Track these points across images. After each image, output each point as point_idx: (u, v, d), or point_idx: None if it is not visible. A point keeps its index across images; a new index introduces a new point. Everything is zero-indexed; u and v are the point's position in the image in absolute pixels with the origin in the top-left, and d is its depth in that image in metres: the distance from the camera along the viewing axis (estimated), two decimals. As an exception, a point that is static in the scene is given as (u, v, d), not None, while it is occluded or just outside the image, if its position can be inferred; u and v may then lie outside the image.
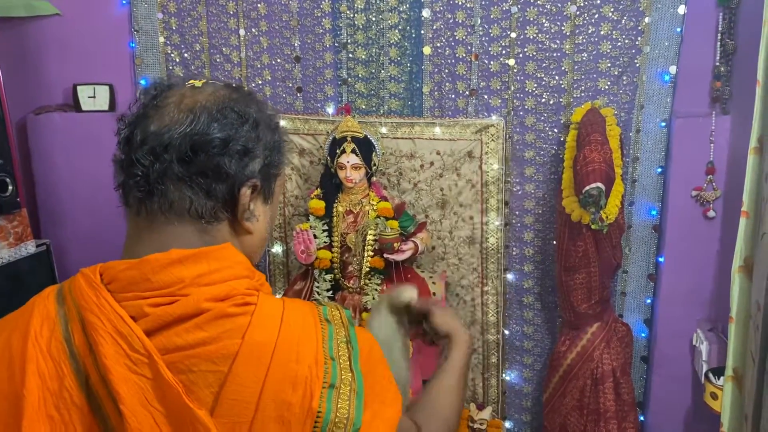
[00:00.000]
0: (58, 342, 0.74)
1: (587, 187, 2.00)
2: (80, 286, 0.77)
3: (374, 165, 2.42)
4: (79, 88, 2.82)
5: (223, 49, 2.77)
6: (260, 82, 2.78)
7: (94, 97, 2.84)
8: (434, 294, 2.47)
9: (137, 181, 0.79)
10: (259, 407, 0.74)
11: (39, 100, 2.89)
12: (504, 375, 2.82)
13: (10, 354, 0.74)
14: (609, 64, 2.44)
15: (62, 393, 0.72)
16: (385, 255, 2.36)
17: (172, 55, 2.82)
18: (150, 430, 0.71)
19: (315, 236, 2.41)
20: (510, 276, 2.74)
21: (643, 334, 2.62)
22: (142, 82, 2.84)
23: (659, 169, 2.47)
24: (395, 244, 2.34)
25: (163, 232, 0.80)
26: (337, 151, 2.37)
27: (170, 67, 2.83)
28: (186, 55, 2.80)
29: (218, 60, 2.79)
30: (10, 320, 0.79)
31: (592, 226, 2.13)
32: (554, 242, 2.62)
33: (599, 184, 2.00)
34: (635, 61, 2.42)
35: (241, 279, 0.81)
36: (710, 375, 2.18)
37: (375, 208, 2.43)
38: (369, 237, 2.41)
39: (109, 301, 0.75)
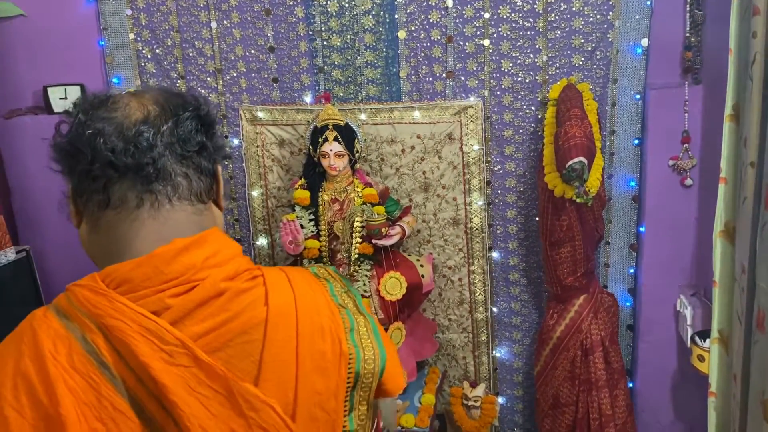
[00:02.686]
0: (81, 356, 0.73)
1: (570, 162, 2.03)
2: (86, 297, 0.76)
3: (357, 152, 2.43)
4: (49, 89, 2.77)
5: (196, 43, 2.74)
6: (235, 74, 2.76)
7: (65, 98, 2.78)
8: (423, 276, 2.49)
9: (146, 170, 0.80)
10: (299, 362, 0.80)
11: (8, 104, 2.83)
12: (494, 352, 2.87)
13: (29, 381, 0.71)
14: (582, 40, 2.47)
15: (102, 402, 0.72)
16: (373, 241, 2.37)
17: (144, 51, 2.77)
18: (204, 415, 0.73)
19: (302, 226, 2.41)
20: (495, 254, 2.77)
21: (627, 303, 2.68)
22: (115, 80, 2.79)
23: (636, 141, 2.52)
24: (383, 230, 2.36)
25: (166, 222, 0.82)
26: (319, 139, 2.37)
27: (142, 64, 2.78)
28: (158, 51, 2.76)
29: (191, 54, 2.75)
30: (7, 348, 0.76)
31: (577, 200, 2.16)
32: (537, 219, 2.66)
33: (581, 159, 2.03)
34: (608, 35, 2.45)
35: (237, 257, 0.86)
36: (696, 338, 2.24)
37: (360, 194, 2.44)
38: (356, 224, 2.41)
39: (126, 304, 0.75)
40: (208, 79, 2.77)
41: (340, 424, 0.84)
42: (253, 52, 2.72)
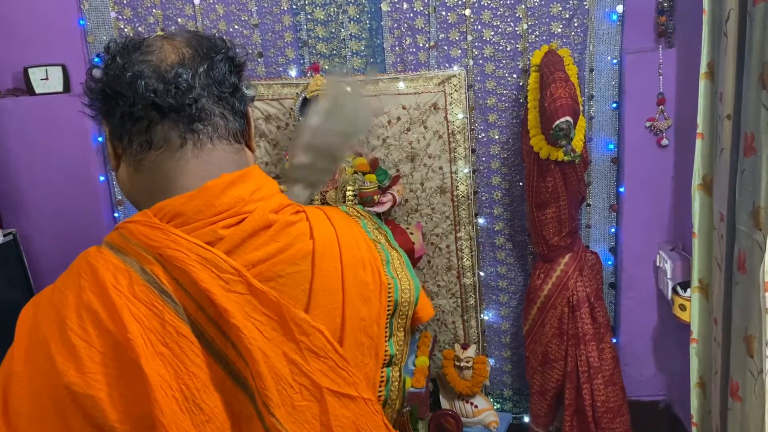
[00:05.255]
0: (141, 286, 0.76)
1: (557, 122, 2.11)
2: (141, 232, 0.79)
3: (346, 122, 2.47)
4: (30, 70, 2.74)
5: (179, 20, 2.74)
6: (219, 50, 2.76)
7: (47, 78, 2.76)
8: (414, 243, 2.55)
9: (188, 110, 0.83)
10: (345, 291, 0.85)
11: (-12, 86, 2.80)
12: (482, 315, 2.95)
13: (93, 311, 0.74)
14: (560, 8, 2.55)
15: (166, 328, 0.74)
16: (366, 209, 2.43)
17: (126, 29, 2.76)
18: (260, 339, 0.76)
19: (295, 196, 2.45)
20: (481, 220, 2.85)
21: (609, 262, 2.79)
22: (97, 59, 2.77)
23: (614, 105, 2.62)
24: (375, 197, 2.41)
25: (209, 160, 0.85)
26: (310, 110, 2.41)
27: (124, 42, 2.77)
28: (140, 28, 2.76)
29: (177, 30, 2.75)
30: (64, 284, 0.79)
31: (566, 158, 2.25)
32: (521, 183, 2.75)
33: (568, 118, 2.12)
34: (584, 2, 2.53)
35: (278, 194, 0.90)
36: (678, 288, 2.36)
37: (351, 164, 2.48)
38: (348, 193, 2.46)
39: (181, 235, 0.78)
40: (192, 56, 2.77)
41: (382, 348, 0.90)
42: (236, 27, 2.74)
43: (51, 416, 0.71)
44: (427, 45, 2.65)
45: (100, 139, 2.84)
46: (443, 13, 2.61)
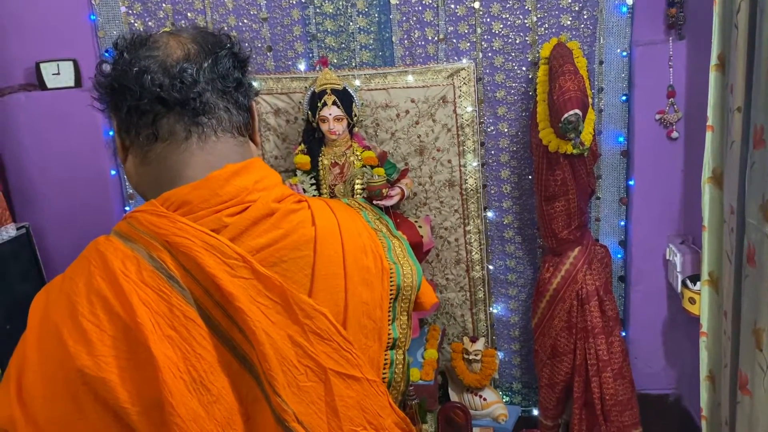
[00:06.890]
0: (149, 272, 0.78)
1: (566, 115, 2.11)
2: (149, 220, 0.81)
3: (355, 116, 2.48)
4: (42, 65, 2.77)
5: (188, 14, 2.75)
6: (228, 45, 2.77)
7: (58, 73, 2.79)
8: (422, 237, 2.56)
9: (193, 104, 0.85)
10: (347, 275, 0.87)
11: (0, 81, 2.82)
12: (491, 308, 2.96)
13: (103, 297, 0.76)
14: (569, 0, 2.54)
15: (173, 312, 0.76)
16: (374, 202, 2.43)
17: (136, 24, 2.78)
18: (265, 322, 0.78)
19: (304, 190, 2.46)
20: (490, 214, 2.85)
21: (619, 255, 2.78)
22: (107, 54, 2.79)
23: (624, 97, 2.61)
24: (384, 190, 2.42)
25: (213, 152, 0.87)
26: (318, 104, 2.42)
27: (134, 37, 2.79)
28: (150, 23, 2.77)
29: (183, 26, 2.76)
30: (74, 271, 0.81)
31: (574, 151, 2.24)
32: (530, 177, 2.74)
33: (577, 111, 2.11)
34: (594, -5, 2.53)
35: (281, 184, 0.92)
36: (687, 282, 2.35)
37: (360, 157, 2.49)
38: (357, 186, 2.47)
39: (187, 223, 0.80)
40: (202, 50, 2.78)
41: (386, 331, 0.92)
42: (246, 21, 2.75)
43: (64, 399, 0.73)
44: (435, 38, 2.65)
45: (110, 133, 2.87)
46: (452, 5, 2.61)
